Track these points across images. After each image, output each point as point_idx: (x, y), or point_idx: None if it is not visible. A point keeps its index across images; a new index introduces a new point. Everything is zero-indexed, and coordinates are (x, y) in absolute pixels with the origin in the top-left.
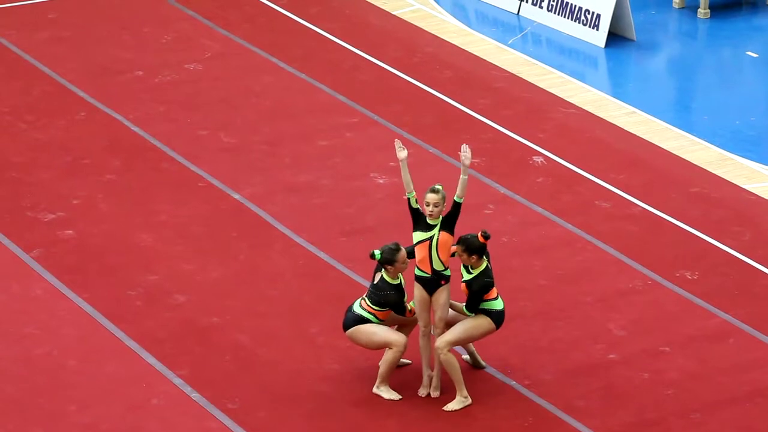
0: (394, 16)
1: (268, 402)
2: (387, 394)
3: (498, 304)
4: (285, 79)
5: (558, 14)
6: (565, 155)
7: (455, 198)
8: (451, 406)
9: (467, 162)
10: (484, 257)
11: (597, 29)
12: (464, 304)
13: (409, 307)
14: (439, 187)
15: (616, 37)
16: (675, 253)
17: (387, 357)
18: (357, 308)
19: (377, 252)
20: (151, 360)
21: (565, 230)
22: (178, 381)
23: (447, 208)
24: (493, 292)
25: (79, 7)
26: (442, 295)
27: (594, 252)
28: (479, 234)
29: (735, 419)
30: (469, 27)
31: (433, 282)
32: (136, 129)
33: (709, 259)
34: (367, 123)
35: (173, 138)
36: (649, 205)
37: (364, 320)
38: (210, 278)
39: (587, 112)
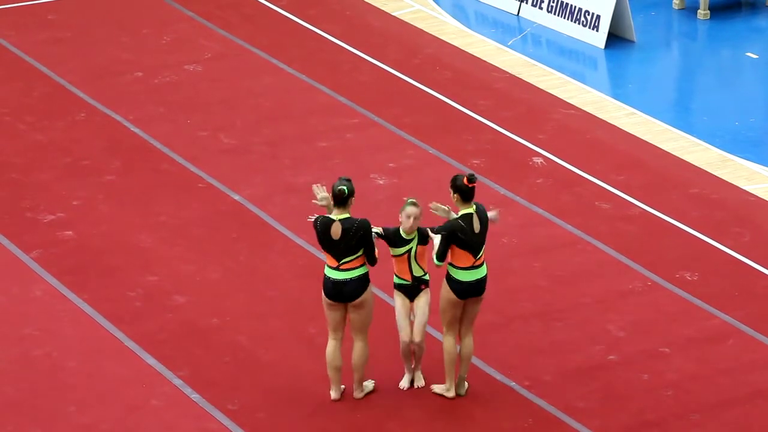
0: (394, 17)
1: (267, 403)
2: (370, 384)
3: (461, 275)
4: (285, 80)
5: (558, 15)
6: (565, 156)
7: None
8: (436, 388)
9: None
10: (467, 206)
11: (597, 30)
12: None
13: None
14: (415, 201)
15: (615, 38)
16: (675, 254)
17: (363, 359)
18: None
19: (344, 188)
20: (151, 361)
21: (565, 231)
22: (177, 382)
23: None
24: (465, 261)
25: (79, 8)
26: (422, 298)
27: (594, 253)
28: (465, 177)
29: (735, 420)
30: (469, 28)
31: (413, 288)
32: (135, 130)
33: (708, 260)
34: (367, 124)
35: (173, 139)
36: (648, 206)
37: (365, 280)
38: (210, 279)
39: (587, 113)
